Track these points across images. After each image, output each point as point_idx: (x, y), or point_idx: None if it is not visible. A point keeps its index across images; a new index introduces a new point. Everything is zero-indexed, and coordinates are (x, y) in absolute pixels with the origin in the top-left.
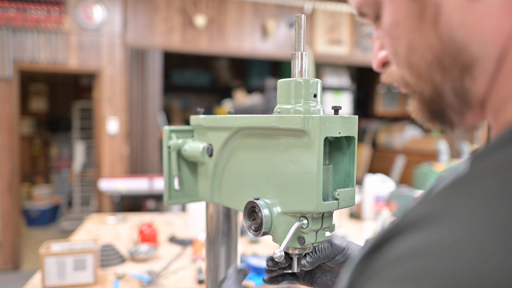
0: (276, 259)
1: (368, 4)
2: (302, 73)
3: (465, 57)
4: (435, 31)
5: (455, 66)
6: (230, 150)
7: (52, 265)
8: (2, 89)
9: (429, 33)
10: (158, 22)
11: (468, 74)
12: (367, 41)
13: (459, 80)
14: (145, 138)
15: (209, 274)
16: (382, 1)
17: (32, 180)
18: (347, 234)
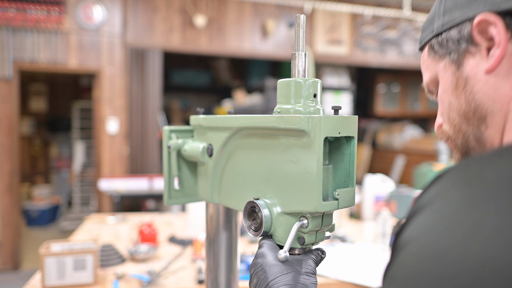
0: (281, 260)
1: (432, 83)
2: (302, 73)
3: (481, 111)
4: (464, 95)
5: (474, 117)
6: (230, 150)
7: (52, 265)
8: (2, 89)
9: (460, 96)
10: (158, 22)
11: (483, 123)
12: (366, 41)
13: (477, 128)
14: (145, 138)
15: (209, 274)
16: (439, 79)
17: (32, 180)
18: (347, 234)
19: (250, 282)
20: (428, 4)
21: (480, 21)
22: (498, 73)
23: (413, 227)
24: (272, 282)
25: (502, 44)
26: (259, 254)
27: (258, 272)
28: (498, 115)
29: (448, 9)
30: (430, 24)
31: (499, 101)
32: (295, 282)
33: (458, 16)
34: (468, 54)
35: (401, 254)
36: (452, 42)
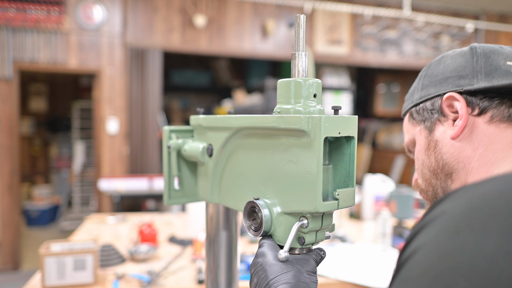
0: (281, 260)
1: (411, 143)
2: (302, 73)
3: (448, 169)
4: (434, 155)
5: (442, 173)
6: (230, 150)
7: (52, 265)
8: (2, 89)
9: (431, 156)
10: (158, 22)
11: (450, 178)
12: (366, 41)
13: (445, 182)
14: (145, 138)
15: (209, 274)
16: (416, 140)
17: (32, 180)
18: (347, 234)
19: (250, 281)
20: (428, 4)
21: (448, 97)
22: (461, 139)
23: (420, 238)
24: (273, 281)
25: (464, 117)
26: (259, 253)
27: (259, 271)
28: (462, 172)
29: (425, 85)
30: (411, 96)
31: (462, 161)
32: (296, 280)
33: (432, 92)
34: (438, 122)
35: (412, 260)
36: (427, 111)
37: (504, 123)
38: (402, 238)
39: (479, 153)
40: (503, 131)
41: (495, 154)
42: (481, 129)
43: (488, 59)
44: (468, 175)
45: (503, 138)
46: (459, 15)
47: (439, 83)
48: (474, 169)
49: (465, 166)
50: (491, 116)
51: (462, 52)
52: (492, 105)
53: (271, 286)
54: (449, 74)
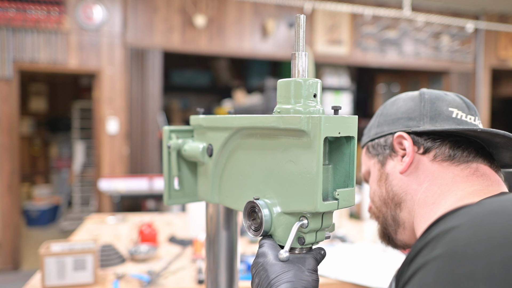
0: (282, 260)
1: (367, 174)
2: (302, 73)
3: (397, 199)
4: (385, 186)
5: (391, 203)
6: (230, 150)
7: (52, 265)
8: (2, 89)
9: (382, 187)
10: (158, 22)
11: (398, 207)
12: (366, 41)
13: (394, 210)
14: (145, 138)
15: (209, 274)
16: (370, 172)
17: (32, 180)
18: (347, 234)
19: (252, 282)
20: (428, 4)
21: (398, 136)
22: (408, 174)
23: (427, 253)
24: (274, 280)
25: (411, 154)
26: (260, 253)
27: (260, 272)
28: (409, 202)
29: (380, 123)
30: (369, 131)
31: (410, 193)
32: (297, 279)
33: (385, 130)
34: (389, 157)
35: (423, 271)
36: (380, 147)
37: (446, 162)
38: None
39: (425, 186)
40: (446, 169)
41: (440, 188)
42: (425, 166)
43: (434, 104)
44: (416, 205)
45: (446, 175)
46: (459, 15)
47: (391, 122)
48: (421, 200)
49: (413, 198)
50: (434, 155)
51: (413, 96)
52: (434, 145)
53: (273, 286)
54: (400, 115)
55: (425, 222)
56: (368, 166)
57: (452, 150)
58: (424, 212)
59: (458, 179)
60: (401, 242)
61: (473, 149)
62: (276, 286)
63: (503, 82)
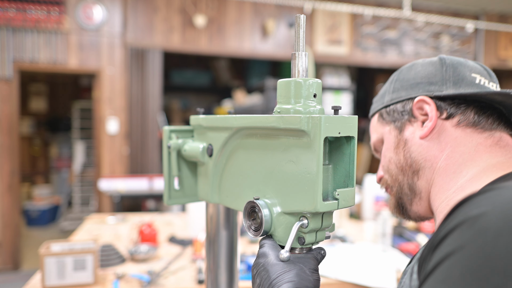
0: (283, 260)
1: (379, 142)
2: (302, 73)
3: (415, 166)
4: (402, 152)
5: (409, 170)
6: (230, 150)
7: (52, 265)
8: (2, 89)
9: (400, 154)
10: (158, 22)
11: (416, 175)
12: (366, 41)
13: (411, 178)
14: (145, 138)
15: (209, 274)
16: (384, 139)
17: (32, 180)
18: (347, 234)
19: (253, 282)
20: (428, 4)
21: (419, 100)
22: (429, 139)
23: (454, 240)
24: (275, 280)
25: (434, 119)
26: (261, 254)
27: (261, 272)
28: (428, 170)
29: (396, 88)
30: (381, 98)
31: (429, 160)
32: (298, 279)
33: (403, 95)
34: (408, 123)
35: (449, 261)
36: (397, 113)
37: (469, 128)
38: (402, 238)
39: (446, 153)
40: (469, 135)
41: (462, 156)
42: (448, 132)
43: (456, 69)
44: (435, 173)
45: (469, 142)
46: (459, 15)
47: (410, 87)
48: (441, 168)
49: (432, 165)
50: (458, 121)
51: (432, 62)
52: (458, 110)
53: (274, 286)
54: (420, 80)
55: (444, 193)
56: (380, 134)
57: (477, 116)
58: (444, 181)
59: (481, 148)
60: (415, 213)
61: (496, 116)
62: (278, 286)
63: (503, 82)
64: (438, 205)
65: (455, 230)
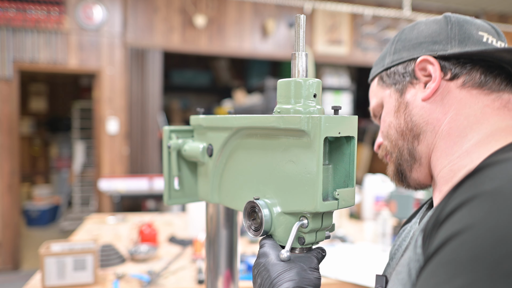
0: (283, 259)
1: (378, 107)
2: (302, 73)
3: (416, 130)
4: (403, 116)
5: (410, 134)
6: (230, 150)
7: (52, 265)
8: (2, 89)
9: (400, 117)
10: (158, 22)
11: (416, 139)
12: (367, 41)
13: (411, 143)
14: (145, 138)
15: (209, 274)
16: (383, 104)
17: (32, 180)
18: (347, 234)
19: (254, 282)
20: (428, 4)
21: (422, 60)
22: (432, 102)
23: (462, 218)
24: (276, 279)
25: (437, 79)
26: (261, 253)
27: (262, 272)
28: (430, 134)
29: (397, 50)
30: (381, 61)
31: (432, 123)
32: (299, 277)
33: (405, 56)
34: (410, 85)
35: (456, 241)
36: (399, 75)
37: (475, 89)
38: None
39: (450, 116)
40: (475, 97)
41: (467, 119)
42: (453, 94)
43: (462, 27)
44: (437, 137)
45: (475, 104)
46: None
47: (412, 47)
48: (444, 132)
49: (434, 128)
50: (463, 82)
51: (436, 20)
52: (464, 70)
53: (275, 285)
54: (423, 39)
55: (446, 157)
56: (380, 98)
57: (484, 76)
58: (447, 145)
59: (488, 110)
60: (415, 181)
61: (505, 77)
62: (279, 285)
63: None
64: (439, 171)
65: (465, 206)
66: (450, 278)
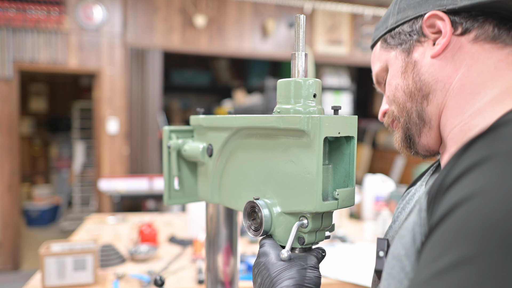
0: (284, 259)
1: (382, 72)
2: (302, 73)
3: (425, 89)
4: (411, 76)
5: (419, 95)
6: (230, 150)
7: (52, 265)
8: (2, 89)
9: (408, 78)
10: (158, 22)
11: (426, 99)
12: (367, 41)
13: (420, 104)
14: (145, 138)
15: (209, 274)
16: (388, 67)
17: (32, 180)
18: (347, 234)
19: (254, 282)
20: None
21: (430, 16)
22: (442, 58)
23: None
24: (276, 278)
25: (448, 35)
26: (261, 253)
27: (262, 271)
28: (440, 93)
29: (402, 8)
30: (384, 23)
31: (442, 81)
32: (300, 275)
33: (411, 14)
34: (417, 43)
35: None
36: (404, 34)
37: (488, 43)
38: None
39: (462, 72)
40: (488, 52)
41: (480, 75)
42: (464, 49)
43: None
44: (448, 96)
45: (488, 59)
46: None
47: (418, 4)
48: (456, 90)
49: (445, 86)
50: (475, 36)
51: None
52: (475, 24)
53: (276, 283)
54: None
55: (457, 117)
56: (384, 61)
57: (498, 29)
58: (458, 104)
59: (502, 65)
60: (424, 147)
61: None
62: (279, 283)
63: None
64: (449, 131)
65: (476, 168)
66: (457, 249)
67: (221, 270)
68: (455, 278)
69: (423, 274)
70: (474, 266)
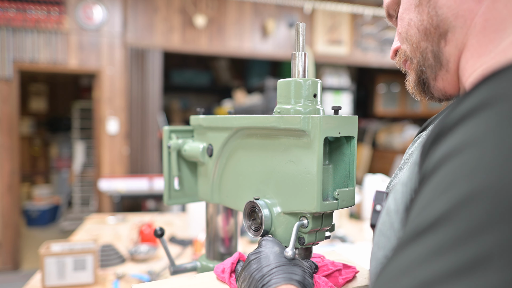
0: (288, 258)
1: (394, 4)
2: (302, 73)
3: (443, 26)
4: (427, 9)
5: (435, 33)
6: (230, 150)
7: (52, 265)
8: (2, 89)
9: (423, 12)
10: (158, 22)
11: (443, 39)
12: (367, 41)
13: (437, 44)
14: (145, 138)
15: None
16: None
17: (32, 180)
18: (347, 234)
19: (245, 267)
20: None
21: None
22: None
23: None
24: (275, 269)
25: None
26: (264, 244)
27: (261, 259)
28: (460, 31)
29: None
30: None
31: (462, 16)
32: (301, 276)
33: None
34: None
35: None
36: None
37: None
38: None
39: (486, 5)
40: None
41: (507, 6)
42: None
43: None
44: (469, 34)
45: None
46: None
47: None
48: (478, 26)
49: (466, 22)
50: None
51: None
52: None
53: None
54: None
55: (479, 58)
56: None
57: None
58: (480, 43)
59: None
60: (440, 91)
61: None
62: (276, 276)
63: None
64: (469, 75)
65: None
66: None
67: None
68: (433, 239)
69: (404, 236)
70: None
